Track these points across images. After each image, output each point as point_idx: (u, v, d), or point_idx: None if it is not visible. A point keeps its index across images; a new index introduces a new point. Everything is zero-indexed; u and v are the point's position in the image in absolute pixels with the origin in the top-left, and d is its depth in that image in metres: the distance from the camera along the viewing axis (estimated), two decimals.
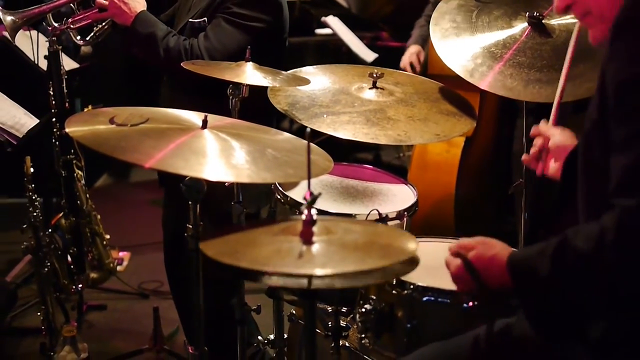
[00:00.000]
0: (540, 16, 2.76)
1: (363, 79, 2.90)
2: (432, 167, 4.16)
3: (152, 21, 3.10)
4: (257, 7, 3.04)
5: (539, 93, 2.59)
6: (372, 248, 1.70)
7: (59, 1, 3.19)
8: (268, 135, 2.30)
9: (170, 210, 3.43)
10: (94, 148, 1.94)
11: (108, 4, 3.08)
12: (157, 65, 3.15)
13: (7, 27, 3.04)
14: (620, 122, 1.52)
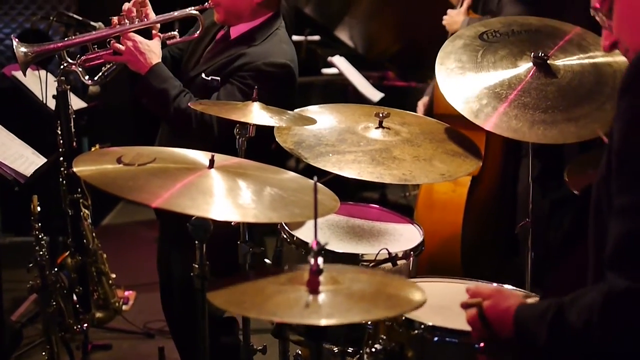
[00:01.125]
0: (545, 56, 2.77)
1: (369, 118, 2.91)
2: (439, 206, 4.16)
3: (166, 76, 3.09)
4: (272, 83, 3.00)
5: (544, 134, 2.59)
6: (379, 298, 1.71)
7: (74, 40, 3.20)
8: (274, 175, 2.31)
9: (164, 249, 3.44)
10: (101, 188, 1.95)
11: (124, 49, 3.09)
12: (165, 121, 3.17)
13: (19, 59, 3.06)
14: (620, 189, 1.52)
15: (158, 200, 1.91)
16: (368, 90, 6.12)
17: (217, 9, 3.18)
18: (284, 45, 3.18)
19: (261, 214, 2.00)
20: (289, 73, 3.12)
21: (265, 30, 3.18)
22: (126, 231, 6.38)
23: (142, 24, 3.14)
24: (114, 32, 3.12)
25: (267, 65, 3.06)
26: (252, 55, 3.09)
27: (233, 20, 3.21)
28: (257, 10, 3.18)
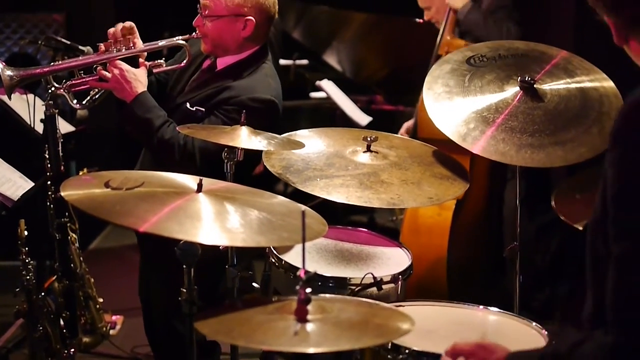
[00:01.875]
0: (532, 81, 2.79)
1: (357, 142, 2.92)
2: (424, 230, 4.17)
3: (150, 106, 3.09)
4: (255, 118, 2.96)
5: (531, 158, 2.60)
6: (367, 327, 1.72)
7: (60, 65, 3.21)
8: (263, 199, 2.31)
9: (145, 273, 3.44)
10: (89, 212, 1.95)
11: (110, 77, 3.09)
12: (148, 149, 3.18)
13: (4, 83, 3.05)
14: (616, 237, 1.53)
15: (146, 225, 1.91)
16: (356, 114, 6.13)
17: (204, 39, 3.19)
18: (270, 80, 3.19)
19: (249, 238, 2.00)
20: (274, 108, 3.13)
21: (252, 64, 3.19)
22: (114, 255, 6.35)
23: (129, 52, 3.14)
24: (101, 59, 3.13)
25: (252, 101, 3.07)
26: (238, 89, 3.10)
27: (220, 52, 3.22)
28: (244, 44, 3.19)
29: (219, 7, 3.13)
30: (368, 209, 6.46)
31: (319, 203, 2.86)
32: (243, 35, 3.16)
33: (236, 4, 3.12)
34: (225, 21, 3.14)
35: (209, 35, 3.17)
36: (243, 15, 3.13)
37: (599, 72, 2.87)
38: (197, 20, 3.18)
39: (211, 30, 3.16)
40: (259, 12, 3.15)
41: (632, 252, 1.49)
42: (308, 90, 6.97)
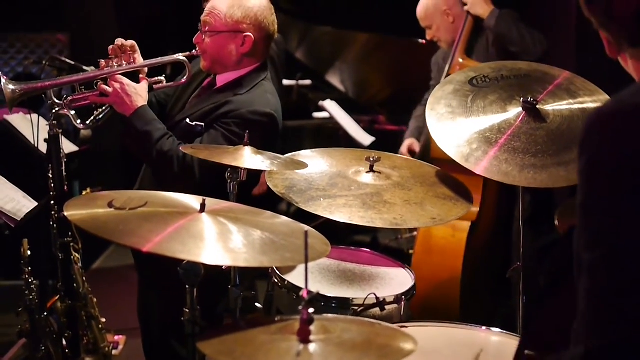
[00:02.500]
0: (535, 101, 2.79)
1: (360, 162, 2.93)
2: (437, 251, 4.16)
3: (150, 119, 3.11)
4: (255, 132, 2.98)
5: (534, 178, 2.60)
6: (370, 348, 1.71)
7: (61, 80, 3.23)
8: (266, 219, 2.31)
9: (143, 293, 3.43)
10: (92, 232, 1.95)
11: (111, 91, 3.11)
12: (147, 163, 3.19)
13: (6, 97, 3.06)
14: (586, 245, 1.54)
15: (149, 245, 1.91)
16: (359, 134, 6.15)
17: (203, 56, 3.22)
18: (269, 96, 3.21)
19: (252, 258, 2.00)
20: (273, 122, 3.15)
21: (251, 80, 3.21)
22: (116, 275, 6.35)
23: (130, 67, 3.17)
24: (102, 74, 3.15)
25: (251, 114, 3.09)
26: (237, 103, 3.12)
27: (219, 69, 3.24)
28: (243, 61, 3.22)
29: (218, 23, 3.17)
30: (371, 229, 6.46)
31: (322, 223, 2.87)
32: (242, 51, 3.19)
33: (235, 20, 3.16)
34: (224, 37, 3.18)
35: (208, 52, 3.20)
36: (242, 31, 3.17)
37: (601, 93, 2.87)
38: (197, 37, 3.23)
39: (210, 46, 3.19)
40: (257, 29, 3.19)
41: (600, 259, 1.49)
42: (311, 110, 6.99)
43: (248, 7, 3.19)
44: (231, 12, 3.17)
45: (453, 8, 4.60)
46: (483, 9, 4.41)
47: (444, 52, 4.78)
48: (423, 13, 4.70)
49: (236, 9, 3.17)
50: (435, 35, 4.69)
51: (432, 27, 4.68)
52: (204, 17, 3.22)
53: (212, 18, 3.18)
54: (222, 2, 3.22)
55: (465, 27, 4.48)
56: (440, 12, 4.63)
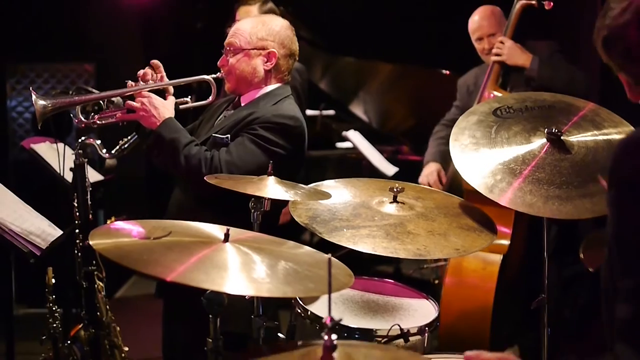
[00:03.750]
0: (559, 132, 2.79)
1: (384, 193, 2.92)
2: (468, 284, 4.13)
3: (177, 128, 3.17)
4: (281, 134, 3.13)
5: (559, 210, 2.59)
6: None
7: (90, 96, 3.26)
8: (289, 249, 2.31)
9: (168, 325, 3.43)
10: (116, 261, 1.96)
11: (138, 106, 3.16)
12: (175, 172, 3.20)
13: (37, 112, 3.10)
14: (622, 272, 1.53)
15: (172, 274, 1.92)
16: (382, 164, 6.15)
17: (228, 77, 3.28)
18: (294, 107, 3.28)
19: (275, 288, 2.00)
20: (299, 125, 3.20)
21: (275, 96, 3.28)
22: (139, 304, 6.36)
23: (157, 85, 3.23)
24: (129, 91, 3.21)
25: (277, 117, 3.15)
26: (262, 110, 3.19)
27: (243, 88, 3.29)
28: (267, 78, 3.29)
29: (242, 41, 3.26)
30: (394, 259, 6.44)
31: (345, 253, 2.86)
32: (266, 67, 3.27)
33: (259, 38, 3.26)
34: (248, 54, 3.26)
35: (232, 72, 3.28)
36: (265, 48, 3.26)
37: (626, 125, 2.86)
38: (221, 60, 3.31)
39: (235, 66, 3.27)
40: (281, 46, 3.28)
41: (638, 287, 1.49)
42: (334, 140, 7.01)
43: (270, 26, 3.29)
44: (255, 30, 3.26)
45: None
46: (522, 58, 4.38)
47: (474, 75, 4.75)
48: (493, 19, 4.62)
49: (259, 28, 3.27)
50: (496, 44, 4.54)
51: (497, 35, 4.57)
52: (228, 40, 3.31)
53: (236, 38, 3.27)
54: (245, 23, 3.34)
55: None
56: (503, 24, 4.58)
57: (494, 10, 4.65)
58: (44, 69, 6.85)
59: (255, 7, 4.86)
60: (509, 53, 4.39)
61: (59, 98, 3.17)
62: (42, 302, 3.52)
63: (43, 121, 3.16)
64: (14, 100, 6.81)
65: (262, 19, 3.40)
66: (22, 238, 3.09)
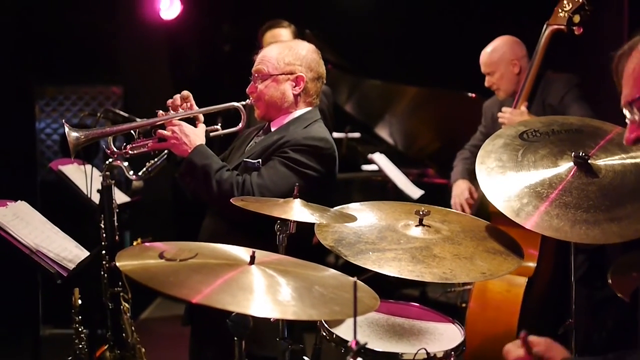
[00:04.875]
0: (586, 156, 2.77)
1: (409, 216, 2.92)
2: (493, 306, 4.10)
3: (208, 154, 3.19)
4: (312, 157, 3.14)
5: (586, 234, 2.57)
6: None
7: (122, 126, 3.30)
8: (314, 272, 2.31)
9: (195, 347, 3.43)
10: (143, 282, 1.97)
11: (169, 134, 3.18)
12: (208, 199, 3.20)
13: (70, 144, 3.14)
14: None
15: (198, 296, 1.92)
16: (408, 187, 6.14)
17: (257, 104, 3.30)
18: (324, 130, 3.29)
19: (301, 311, 1.99)
20: (329, 147, 3.21)
21: (305, 120, 3.29)
22: (165, 325, 6.37)
23: (186, 113, 3.26)
24: (160, 121, 3.24)
25: (307, 139, 3.17)
26: (292, 133, 3.21)
27: (273, 113, 3.31)
28: (296, 102, 3.32)
29: (270, 67, 3.29)
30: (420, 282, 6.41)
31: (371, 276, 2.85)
32: (295, 92, 3.29)
33: (286, 63, 3.28)
34: (277, 80, 3.28)
35: (262, 98, 3.30)
36: (293, 72, 3.28)
37: None
38: (250, 87, 3.33)
39: (264, 92, 3.29)
40: (308, 70, 3.31)
41: None
42: (360, 163, 7.02)
43: (297, 50, 3.32)
44: (282, 56, 3.29)
45: (521, 59, 4.61)
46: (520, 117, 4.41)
47: (500, 102, 4.76)
48: (488, 59, 4.71)
49: (286, 53, 3.30)
50: (495, 84, 4.69)
51: (495, 74, 4.67)
52: (255, 67, 3.33)
53: (263, 64, 3.30)
54: (272, 49, 3.35)
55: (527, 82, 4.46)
56: (507, 61, 4.63)
57: (495, 47, 4.70)
58: (72, 92, 6.92)
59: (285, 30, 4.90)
60: (510, 121, 4.42)
61: (92, 130, 3.21)
62: (69, 323, 3.54)
63: (76, 151, 3.20)
64: (42, 122, 6.88)
65: (288, 44, 3.42)
66: (49, 259, 3.11)
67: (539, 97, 4.52)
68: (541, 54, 4.43)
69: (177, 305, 6.40)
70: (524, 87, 4.45)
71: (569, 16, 4.28)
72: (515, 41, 4.70)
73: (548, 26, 4.38)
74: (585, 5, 4.25)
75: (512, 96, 4.57)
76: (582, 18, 4.25)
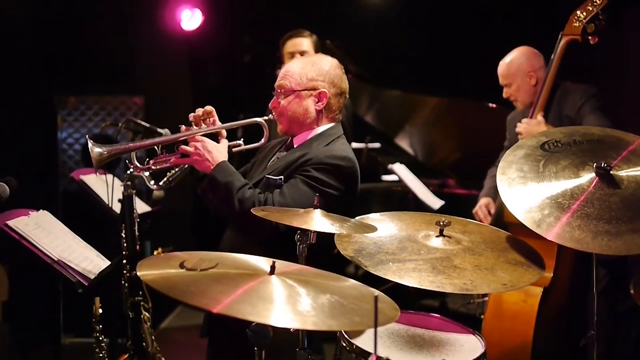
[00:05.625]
0: (608, 167, 2.75)
1: (430, 226, 2.91)
2: (508, 316, 4.08)
3: (231, 171, 3.19)
4: (334, 176, 3.13)
5: (608, 245, 2.55)
6: None
7: (145, 142, 3.31)
8: (335, 282, 2.31)
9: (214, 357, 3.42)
10: (163, 292, 1.98)
11: (192, 151, 3.19)
12: (229, 215, 3.21)
13: (93, 159, 3.16)
14: None
15: (219, 306, 1.93)
16: (428, 198, 6.13)
17: (280, 119, 3.30)
18: (347, 147, 3.28)
19: (321, 322, 1.99)
20: (351, 166, 3.20)
21: (328, 136, 3.28)
22: (185, 334, 6.38)
23: (209, 129, 3.26)
24: (183, 136, 3.24)
25: (330, 158, 3.15)
26: (315, 151, 3.19)
27: (296, 129, 3.30)
28: (319, 118, 3.30)
29: (293, 83, 3.28)
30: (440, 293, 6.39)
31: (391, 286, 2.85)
32: (317, 107, 3.28)
33: (309, 78, 3.28)
34: (300, 96, 3.27)
35: (284, 113, 3.29)
36: (316, 88, 3.28)
37: None
38: (272, 102, 3.32)
39: (287, 107, 3.28)
40: (331, 85, 3.30)
41: None
42: (380, 173, 7.01)
43: (320, 66, 3.31)
44: (305, 71, 3.28)
45: (538, 71, 4.61)
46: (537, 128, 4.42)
47: (522, 114, 4.75)
48: (505, 71, 4.72)
49: (309, 68, 3.29)
50: (513, 95, 4.69)
51: (512, 86, 4.68)
52: (278, 82, 3.33)
53: (286, 80, 3.30)
54: (294, 64, 3.35)
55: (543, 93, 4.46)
56: (524, 72, 4.64)
57: (512, 59, 4.72)
58: (94, 102, 6.98)
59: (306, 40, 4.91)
60: (526, 132, 4.43)
61: (115, 145, 3.22)
62: (89, 332, 3.55)
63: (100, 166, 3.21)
64: (64, 132, 6.94)
65: (311, 59, 3.41)
66: (70, 268, 3.13)
67: (556, 108, 4.51)
68: (556, 65, 4.42)
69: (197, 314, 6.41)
70: (540, 97, 4.45)
71: (584, 26, 4.28)
72: (532, 52, 4.69)
73: (563, 36, 4.37)
74: (599, 15, 4.24)
75: (529, 107, 4.56)
76: (597, 27, 4.25)
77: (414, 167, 6.57)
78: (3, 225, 3.01)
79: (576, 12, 4.31)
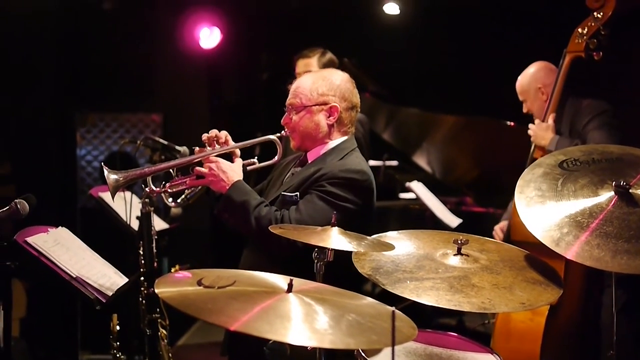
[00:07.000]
0: (627, 185, 2.73)
1: (448, 245, 2.90)
2: (516, 335, 4.06)
3: (246, 190, 3.20)
4: (350, 190, 3.14)
5: (628, 264, 2.53)
6: None
7: (160, 166, 3.32)
8: (352, 300, 2.30)
9: None
10: (181, 309, 1.98)
11: (207, 172, 3.20)
12: (246, 233, 3.21)
13: (109, 185, 3.18)
14: None
15: (236, 324, 1.93)
16: (446, 216, 6.11)
17: (292, 135, 3.32)
18: (361, 161, 3.29)
19: (338, 340, 1.99)
20: (366, 179, 3.21)
21: (341, 150, 3.30)
22: (202, 352, 6.38)
23: (223, 149, 3.27)
24: (197, 158, 3.25)
25: (344, 172, 3.16)
26: (329, 166, 3.20)
27: (309, 144, 3.32)
28: (331, 132, 3.32)
29: (304, 99, 3.31)
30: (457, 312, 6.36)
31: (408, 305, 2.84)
32: (329, 122, 3.30)
33: (320, 93, 3.30)
34: (310, 111, 3.30)
35: (297, 129, 3.31)
36: (327, 103, 3.29)
37: None
38: (284, 118, 3.35)
39: (299, 123, 3.31)
40: (342, 99, 3.32)
41: None
42: (397, 191, 7.00)
43: (330, 80, 3.33)
44: (315, 86, 3.31)
45: (547, 87, 4.61)
46: (544, 139, 4.45)
47: None
48: (519, 86, 4.76)
49: (320, 83, 3.32)
50: (530, 109, 4.72)
51: (527, 101, 4.71)
52: (289, 99, 3.35)
53: (297, 96, 3.32)
54: (305, 80, 3.37)
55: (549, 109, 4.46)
56: (534, 88, 4.65)
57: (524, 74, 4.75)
58: (112, 119, 7.03)
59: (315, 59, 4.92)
60: (534, 135, 4.47)
61: (130, 171, 3.23)
62: (107, 349, 3.57)
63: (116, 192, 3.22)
64: (83, 149, 6.98)
65: (322, 74, 3.43)
66: (88, 285, 3.14)
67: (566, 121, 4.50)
68: (561, 82, 4.43)
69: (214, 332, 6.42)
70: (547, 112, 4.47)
71: (586, 42, 4.29)
72: (545, 67, 4.69)
73: (567, 54, 4.38)
74: (601, 30, 4.25)
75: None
76: (600, 43, 4.25)
77: (431, 185, 6.56)
78: (22, 242, 3.03)
79: (577, 29, 4.33)
